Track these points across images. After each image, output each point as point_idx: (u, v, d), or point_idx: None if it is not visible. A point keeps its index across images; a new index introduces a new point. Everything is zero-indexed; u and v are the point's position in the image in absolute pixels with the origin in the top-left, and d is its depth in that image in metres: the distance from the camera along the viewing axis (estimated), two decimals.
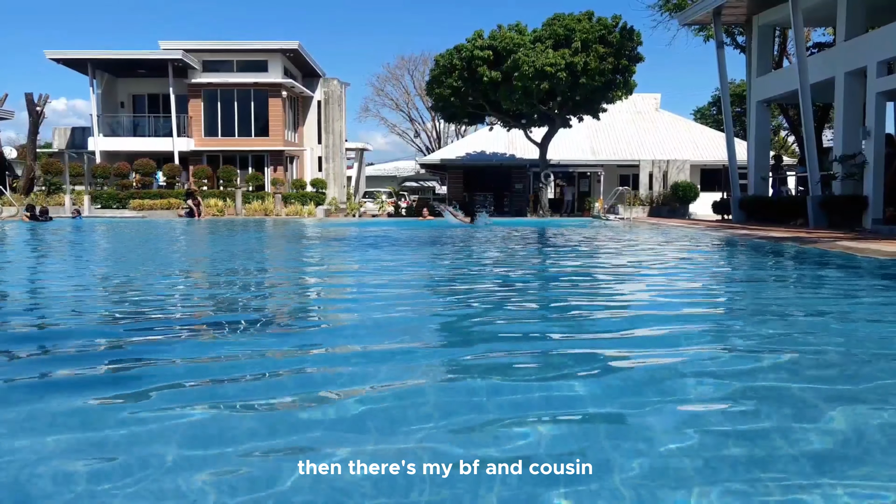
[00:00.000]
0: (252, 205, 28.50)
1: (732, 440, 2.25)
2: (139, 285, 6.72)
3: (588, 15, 28.34)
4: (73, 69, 33.25)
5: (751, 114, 21.07)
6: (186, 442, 2.24)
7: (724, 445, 2.22)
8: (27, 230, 17.84)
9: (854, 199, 15.57)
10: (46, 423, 2.43)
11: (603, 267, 8.87)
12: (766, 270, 8.43)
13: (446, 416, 2.52)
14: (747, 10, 20.18)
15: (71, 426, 2.41)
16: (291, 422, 2.47)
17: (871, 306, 5.36)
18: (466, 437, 2.28)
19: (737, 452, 2.15)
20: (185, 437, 2.28)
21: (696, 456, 2.12)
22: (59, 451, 2.18)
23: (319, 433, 2.35)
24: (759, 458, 2.10)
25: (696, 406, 2.65)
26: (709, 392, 2.84)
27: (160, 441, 2.25)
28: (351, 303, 5.75)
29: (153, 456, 2.11)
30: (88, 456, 2.14)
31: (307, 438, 2.31)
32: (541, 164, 31.31)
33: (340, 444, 2.20)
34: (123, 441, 2.26)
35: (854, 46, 16.04)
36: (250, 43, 33.39)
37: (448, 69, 29.09)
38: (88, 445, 2.25)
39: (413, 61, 60.38)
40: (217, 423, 2.43)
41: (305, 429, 2.40)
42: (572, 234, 14.18)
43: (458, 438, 2.26)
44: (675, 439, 2.25)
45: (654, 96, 40.90)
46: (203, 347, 3.76)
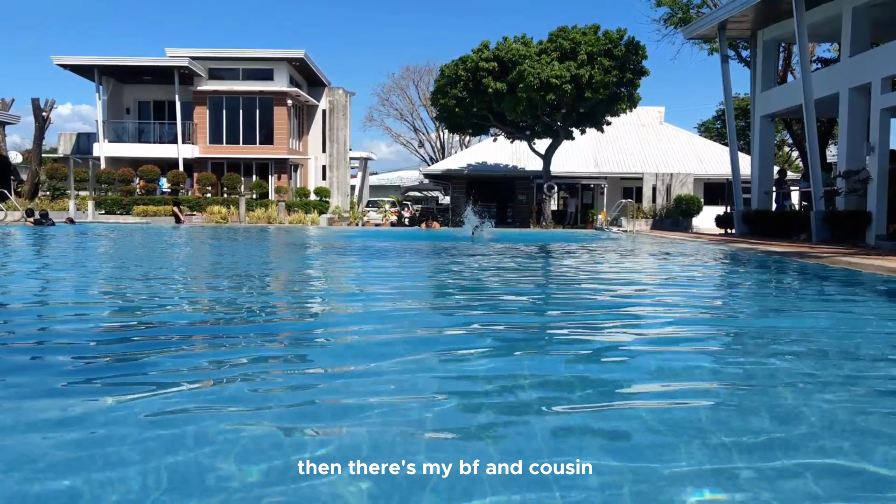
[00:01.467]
0: (256, 212, 28.56)
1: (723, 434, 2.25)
2: (91, 292, 6.70)
3: (594, 28, 28.44)
4: (79, 75, 33.44)
5: (755, 128, 21.08)
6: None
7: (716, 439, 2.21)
8: (23, 235, 17.88)
9: (857, 214, 15.55)
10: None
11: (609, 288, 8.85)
12: (766, 286, 8.42)
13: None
14: (752, 24, 20.23)
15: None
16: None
17: (869, 321, 5.33)
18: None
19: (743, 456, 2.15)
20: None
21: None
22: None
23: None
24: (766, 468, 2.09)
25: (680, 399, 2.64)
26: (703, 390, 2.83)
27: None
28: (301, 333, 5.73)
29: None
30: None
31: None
32: (544, 176, 31.36)
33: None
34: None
35: (858, 62, 16.07)
36: (256, 51, 33.57)
37: (453, 80, 29.20)
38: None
39: (418, 72, 60.65)
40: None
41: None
42: (579, 251, 14.13)
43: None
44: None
45: (659, 109, 41.00)
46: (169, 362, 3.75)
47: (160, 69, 32.34)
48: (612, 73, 27.54)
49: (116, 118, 34.34)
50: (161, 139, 33.88)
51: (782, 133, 39.57)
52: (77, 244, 14.66)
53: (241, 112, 33.57)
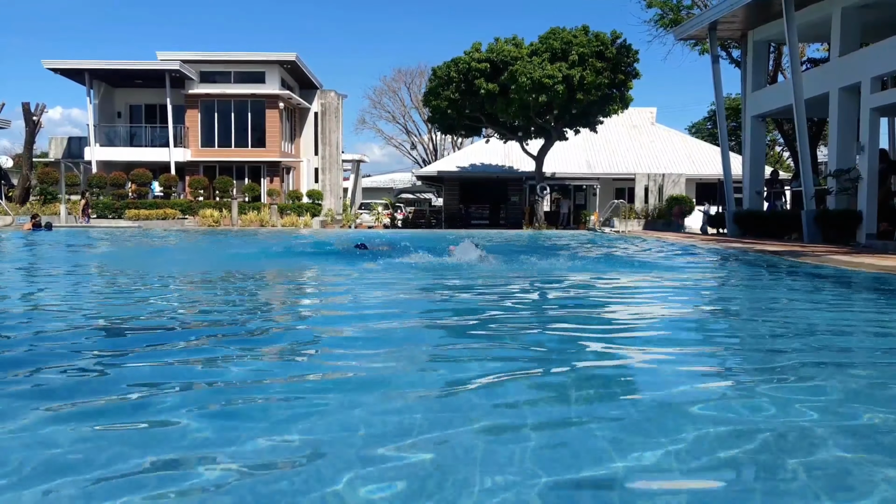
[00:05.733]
0: (248, 216, 28.50)
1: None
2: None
3: (585, 30, 28.52)
4: (70, 79, 33.30)
5: (746, 128, 21.16)
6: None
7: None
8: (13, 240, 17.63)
9: (848, 213, 15.62)
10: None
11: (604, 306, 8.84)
12: (757, 285, 8.43)
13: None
14: (742, 25, 20.31)
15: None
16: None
17: (856, 316, 5.35)
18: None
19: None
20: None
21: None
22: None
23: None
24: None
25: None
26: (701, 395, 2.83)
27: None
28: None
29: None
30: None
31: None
32: (537, 177, 31.41)
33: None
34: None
35: (848, 62, 16.15)
36: (248, 54, 33.53)
37: (445, 81, 29.23)
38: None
39: (410, 74, 60.70)
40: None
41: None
42: (584, 251, 13.97)
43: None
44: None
45: (650, 110, 41.12)
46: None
47: (151, 72, 32.24)
48: (604, 74, 27.61)
49: (108, 122, 34.22)
50: (153, 143, 33.76)
51: (773, 133, 39.74)
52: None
53: (233, 115, 33.51)
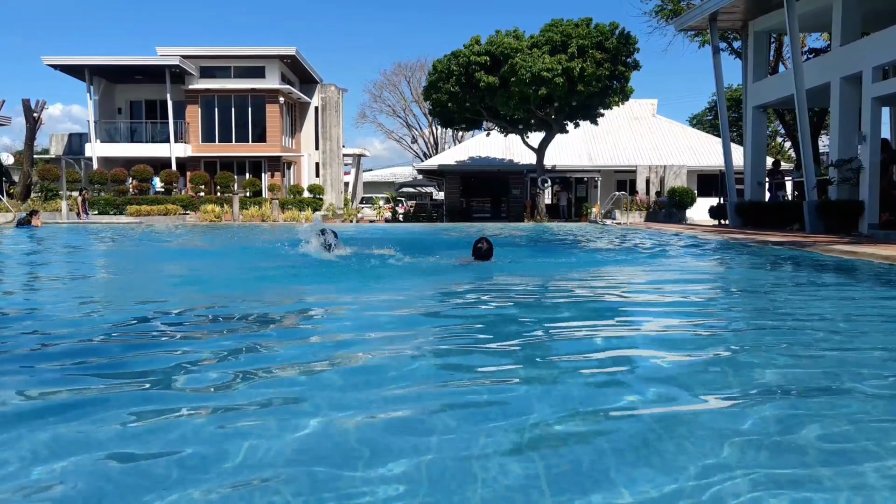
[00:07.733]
0: (249, 210, 28.49)
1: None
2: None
3: (585, 21, 28.44)
4: (70, 75, 33.27)
5: (747, 119, 21.11)
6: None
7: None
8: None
9: (850, 203, 15.58)
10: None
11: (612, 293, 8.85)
12: (761, 275, 8.44)
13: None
14: (743, 15, 20.23)
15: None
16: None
17: (864, 308, 5.35)
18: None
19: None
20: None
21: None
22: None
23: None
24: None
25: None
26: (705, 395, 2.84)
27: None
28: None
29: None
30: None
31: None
32: (538, 170, 31.37)
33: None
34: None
35: (849, 52, 16.09)
36: (248, 49, 33.49)
37: (445, 74, 29.18)
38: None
39: (410, 68, 60.49)
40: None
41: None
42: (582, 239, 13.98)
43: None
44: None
45: (651, 102, 41.04)
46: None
47: (151, 68, 32.20)
48: (604, 65, 27.53)
49: (108, 118, 34.19)
50: (153, 139, 33.74)
51: (775, 124, 39.65)
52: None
53: (234, 110, 33.48)
